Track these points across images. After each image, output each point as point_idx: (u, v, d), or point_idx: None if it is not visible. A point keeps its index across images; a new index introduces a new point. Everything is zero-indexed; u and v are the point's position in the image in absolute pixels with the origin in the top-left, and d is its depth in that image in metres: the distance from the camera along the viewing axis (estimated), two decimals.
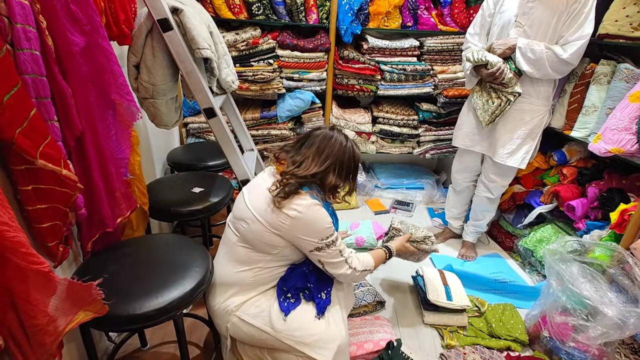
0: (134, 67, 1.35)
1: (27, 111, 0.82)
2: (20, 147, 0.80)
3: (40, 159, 0.84)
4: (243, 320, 1.18)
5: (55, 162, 0.88)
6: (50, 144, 0.87)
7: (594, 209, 1.73)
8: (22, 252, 0.71)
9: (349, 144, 1.23)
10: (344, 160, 1.21)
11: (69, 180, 0.91)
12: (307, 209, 1.12)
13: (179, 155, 2.04)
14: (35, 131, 0.83)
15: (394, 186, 2.84)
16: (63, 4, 0.92)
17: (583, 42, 1.57)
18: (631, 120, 1.49)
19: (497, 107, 1.73)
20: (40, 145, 0.84)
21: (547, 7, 1.59)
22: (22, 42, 0.81)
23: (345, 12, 2.22)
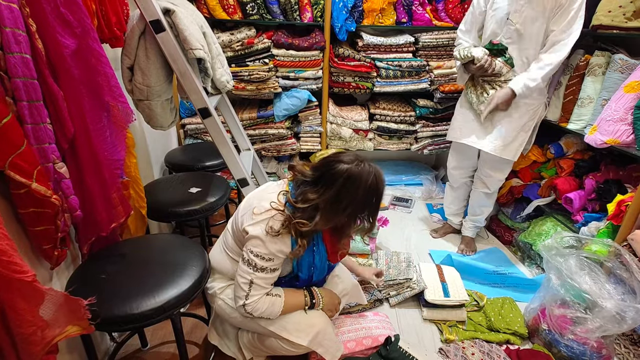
0: (128, 69, 1.36)
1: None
2: None
3: (9, 170, 0.81)
4: (226, 303, 1.23)
5: (25, 175, 0.84)
6: (23, 155, 0.84)
7: (592, 201, 1.73)
8: (4, 260, 0.70)
9: (373, 180, 1.06)
10: (367, 202, 1.08)
11: (38, 194, 0.88)
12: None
13: (176, 156, 2.04)
14: (5, 140, 0.80)
15: (392, 183, 2.85)
16: (53, 7, 0.93)
17: (571, 42, 1.57)
18: (626, 110, 1.49)
19: (492, 99, 1.73)
20: (10, 156, 0.81)
21: (538, 5, 1.58)
22: (12, 45, 0.82)
23: (339, 10, 2.22)
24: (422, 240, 2.29)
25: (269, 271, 1.12)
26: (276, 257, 1.11)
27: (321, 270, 1.27)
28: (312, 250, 1.20)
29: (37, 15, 0.90)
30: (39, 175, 0.87)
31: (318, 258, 1.22)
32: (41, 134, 0.92)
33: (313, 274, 1.25)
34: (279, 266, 1.15)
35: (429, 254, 2.14)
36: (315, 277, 1.27)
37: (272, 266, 1.12)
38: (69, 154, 1.04)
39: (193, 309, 1.65)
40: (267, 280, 1.13)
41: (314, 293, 1.25)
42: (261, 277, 1.11)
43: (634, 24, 1.51)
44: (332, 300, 1.29)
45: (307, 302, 1.22)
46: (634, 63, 1.54)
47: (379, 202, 1.10)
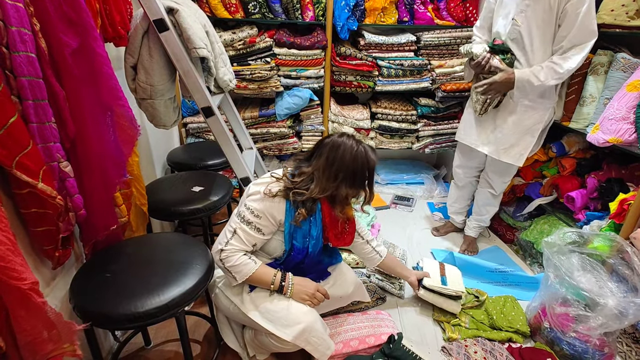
0: (131, 68, 1.36)
1: (5, 118, 0.79)
2: None
3: (16, 169, 0.82)
4: (223, 293, 1.30)
5: (32, 175, 0.85)
6: (29, 155, 0.84)
7: (594, 200, 1.73)
8: (1, 266, 0.70)
9: (361, 149, 1.17)
10: (357, 168, 1.16)
11: (44, 194, 0.88)
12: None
13: (178, 155, 2.05)
14: (12, 140, 0.80)
15: (394, 182, 2.85)
16: (56, 5, 0.93)
17: (585, 49, 1.52)
18: (629, 109, 1.49)
19: (488, 97, 1.73)
20: (17, 155, 0.82)
21: (542, 6, 1.55)
22: (18, 44, 0.82)
23: (341, 9, 2.22)
24: (424, 239, 2.29)
25: (254, 228, 1.18)
26: (264, 218, 1.17)
27: (317, 242, 1.26)
28: (309, 220, 1.22)
29: (40, 14, 0.90)
30: (45, 175, 0.87)
31: (314, 229, 1.24)
32: (46, 132, 0.92)
33: (308, 244, 1.25)
34: (265, 230, 1.19)
35: (430, 252, 2.15)
36: (310, 247, 1.26)
37: (258, 224, 1.17)
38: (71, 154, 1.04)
39: (197, 308, 1.65)
40: (248, 236, 1.18)
41: (285, 275, 1.24)
42: (244, 229, 1.17)
43: (636, 23, 1.51)
44: (304, 287, 1.24)
45: (275, 280, 1.21)
46: (636, 62, 1.54)
47: (368, 170, 1.18)
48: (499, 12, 1.73)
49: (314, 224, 1.24)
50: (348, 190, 1.18)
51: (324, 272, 1.43)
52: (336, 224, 1.29)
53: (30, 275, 0.77)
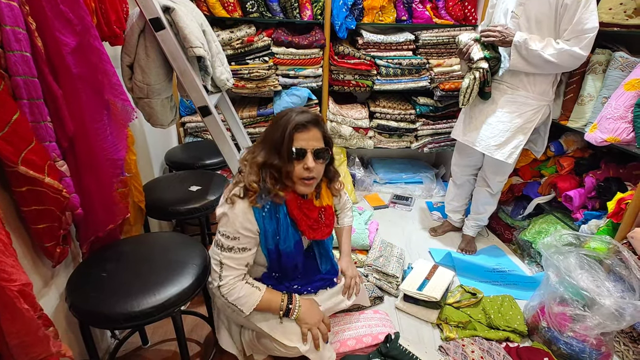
0: (128, 67, 1.36)
1: (9, 115, 0.80)
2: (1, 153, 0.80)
3: (22, 166, 0.83)
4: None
5: (38, 170, 0.86)
6: (34, 150, 0.86)
7: (592, 199, 1.73)
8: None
9: (289, 112, 1.09)
10: (277, 129, 1.07)
11: (51, 188, 0.90)
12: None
13: (176, 155, 2.04)
14: (18, 136, 0.82)
15: (392, 181, 2.85)
16: (53, 4, 0.93)
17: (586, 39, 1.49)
18: (626, 108, 1.48)
19: (467, 86, 1.72)
20: (23, 151, 0.83)
21: (539, 3, 1.55)
22: (12, 44, 0.82)
23: (339, 8, 2.22)
24: (423, 238, 2.29)
25: (237, 251, 1.11)
26: (242, 236, 1.10)
27: (286, 239, 1.16)
28: (276, 217, 1.14)
29: (36, 13, 0.90)
30: (50, 170, 0.88)
31: (282, 227, 1.15)
32: (42, 132, 0.92)
33: (278, 242, 1.15)
34: (250, 245, 1.13)
35: (429, 252, 2.15)
36: (282, 246, 1.16)
37: (239, 245, 1.11)
38: (69, 153, 1.04)
39: (193, 307, 1.65)
40: (237, 260, 1.12)
41: (292, 299, 1.19)
42: (229, 257, 1.11)
43: (634, 22, 1.50)
44: (311, 313, 1.18)
45: (282, 306, 1.16)
46: (634, 61, 1.53)
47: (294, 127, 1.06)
48: (500, 7, 1.74)
49: (280, 221, 1.15)
50: (277, 160, 1.08)
51: (329, 282, 1.34)
52: (309, 215, 1.19)
53: (21, 277, 0.77)
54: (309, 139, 1.08)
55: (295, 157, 1.08)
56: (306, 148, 1.08)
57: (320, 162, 1.12)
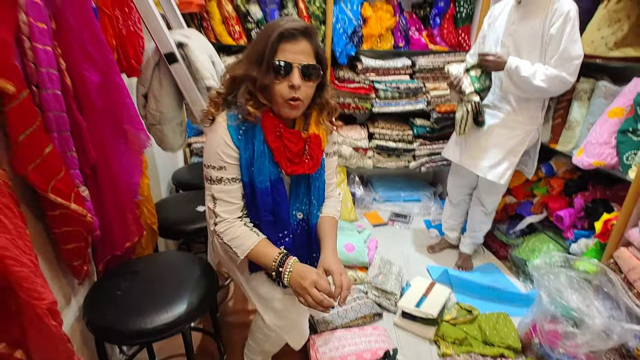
0: (143, 96, 1.46)
1: (42, 148, 0.88)
2: (32, 182, 0.87)
3: (51, 193, 0.91)
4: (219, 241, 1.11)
5: (65, 197, 0.94)
6: (63, 179, 0.94)
7: (581, 219, 1.81)
8: (24, 287, 0.76)
9: (277, 21, 0.93)
10: (259, 43, 0.92)
11: (76, 213, 0.98)
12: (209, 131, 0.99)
13: (183, 175, 2.13)
14: (49, 167, 0.90)
15: (391, 199, 2.92)
16: (81, 46, 1.02)
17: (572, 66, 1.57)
18: (610, 134, 1.58)
19: (461, 117, 1.80)
20: (52, 180, 0.91)
21: (528, 30, 1.66)
22: (46, 83, 0.91)
23: (339, 36, 2.34)
24: (421, 255, 2.35)
25: (227, 182, 1.01)
26: (227, 164, 1.00)
27: (260, 171, 1.02)
28: (252, 142, 1.00)
29: (67, 54, 0.99)
30: (76, 197, 0.96)
31: (257, 155, 1.00)
32: (68, 161, 1.00)
33: (252, 175, 1.02)
34: (238, 176, 1.02)
35: (426, 269, 2.21)
36: (255, 179, 1.02)
37: (228, 175, 1.01)
38: (90, 178, 1.12)
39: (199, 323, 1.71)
40: (230, 193, 1.02)
41: (286, 260, 1.01)
42: (220, 189, 1.02)
43: (615, 54, 1.61)
44: (301, 278, 0.97)
45: (274, 262, 1.00)
46: (616, 90, 1.63)
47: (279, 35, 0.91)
48: (490, 37, 1.84)
49: (257, 146, 1.00)
50: (256, 72, 0.93)
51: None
52: (288, 146, 1.02)
53: (49, 296, 0.84)
54: (297, 52, 0.92)
55: (279, 71, 0.92)
56: (292, 62, 0.92)
57: (309, 82, 0.96)
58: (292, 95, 0.94)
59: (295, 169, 1.04)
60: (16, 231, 0.79)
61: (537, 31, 1.63)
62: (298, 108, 0.98)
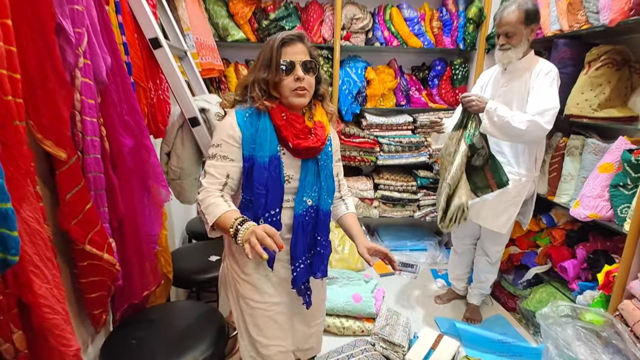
0: (166, 154, 1.60)
1: (84, 205, 1.00)
2: (73, 236, 0.98)
3: (88, 245, 1.01)
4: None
5: (99, 248, 1.04)
6: (98, 232, 1.04)
7: (585, 270, 1.83)
8: (55, 334, 0.84)
9: (273, 36, 1.14)
10: (264, 53, 1.14)
11: (108, 263, 1.07)
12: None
13: (196, 225, 2.23)
14: (88, 222, 1.01)
15: (397, 248, 2.96)
16: (119, 116, 1.18)
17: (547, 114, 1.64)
18: (602, 188, 1.66)
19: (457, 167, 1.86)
20: (90, 234, 1.01)
21: (514, 91, 1.82)
22: (90, 149, 1.05)
23: (345, 96, 2.54)
24: (428, 305, 2.35)
25: (219, 158, 1.13)
26: (224, 143, 1.13)
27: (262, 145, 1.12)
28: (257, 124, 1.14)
29: (107, 123, 1.14)
30: (108, 248, 1.06)
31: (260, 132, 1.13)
32: (101, 216, 1.12)
33: (254, 150, 1.12)
34: (230, 155, 1.13)
35: (434, 320, 2.20)
36: (256, 153, 1.12)
37: (221, 152, 1.13)
38: (116, 231, 1.23)
39: None
40: (217, 168, 1.13)
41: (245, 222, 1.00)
42: (211, 164, 1.14)
43: (600, 115, 1.74)
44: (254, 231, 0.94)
45: (233, 224, 1.00)
46: (604, 146, 1.74)
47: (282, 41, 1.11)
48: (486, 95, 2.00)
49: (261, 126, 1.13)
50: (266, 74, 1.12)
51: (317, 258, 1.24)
52: (294, 124, 1.15)
53: (75, 343, 0.91)
54: (296, 53, 1.12)
55: (285, 69, 1.11)
56: (294, 60, 1.12)
57: (310, 74, 1.14)
58: (297, 85, 1.12)
59: (299, 142, 1.15)
60: (54, 281, 0.88)
61: (523, 91, 1.79)
62: (305, 96, 1.15)
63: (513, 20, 1.70)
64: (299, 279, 1.22)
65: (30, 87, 0.85)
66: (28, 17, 0.83)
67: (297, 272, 1.21)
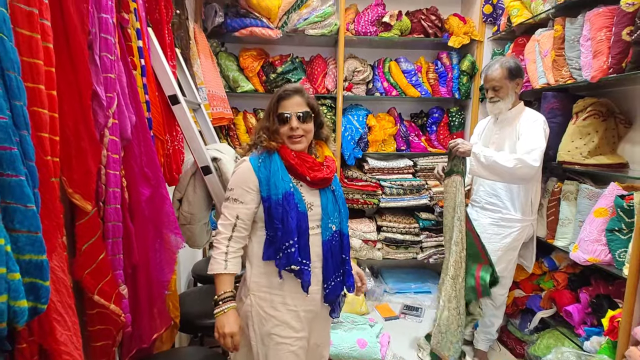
0: (178, 200, 1.68)
1: (98, 255, 1.04)
2: (85, 285, 1.02)
3: (97, 295, 1.04)
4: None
5: (107, 298, 1.07)
6: (109, 282, 1.08)
7: (589, 315, 1.83)
8: None
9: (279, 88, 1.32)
10: (268, 105, 1.31)
11: (114, 314, 1.10)
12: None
13: (202, 268, 2.25)
14: (99, 272, 1.05)
15: (402, 291, 2.95)
16: (140, 167, 1.27)
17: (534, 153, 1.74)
18: (599, 232, 1.71)
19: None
20: (100, 283, 1.05)
21: (505, 137, 1.95)
22: (111, 200, 1.12)
23: (347, 141, 2.67)
24: None
25: (232, 201, 1.28)
26: (237, 187, 1.27)
27: (276, 184, 1.24)
28: (270, 166, 1.27)
29: (128, 174, 1.23)
30: (116, 297, 1.10)
31: (273, 172, 1.26)
32: (115, 263, 1.17)
33: (270, 189, 1.24)
34: (241, 198, 1.27)
35: None
36: (272, 192, 1.24)
37: (234, 196, 1.27)
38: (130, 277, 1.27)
39: None
40: (230, 210, 1.27)
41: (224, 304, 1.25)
42: (225, 206, 1.29)
43: (591, 161, 1.83)
44: (226, 322, 1.23)
45: (216, 298, 1.26)
46: (598, 192, 1.81)
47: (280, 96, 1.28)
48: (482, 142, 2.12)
49: (273, 167, 1.26)
50: (268, 122, 1.29)
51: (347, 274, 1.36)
52: (305, 159, 1.29)
53: None
54: (292, 105, 1.26)
55: (281, 120, 1.27)
56: (290, 112, 1.26)
57: (305, 123, 1.27)
58: (291, 133, 1.27)
59: (316, 174, 1.28)
60: (73, 328, 0.93)
61: (513, 138, 1.92)
62: (301, 142, 1.29)
63: (498, 77, 1.86)
64: (331, 295, 1.33)
65: (65, 146, 0.94)
66: (69, 86, 0.94)
67: (329, 290, 1.32)
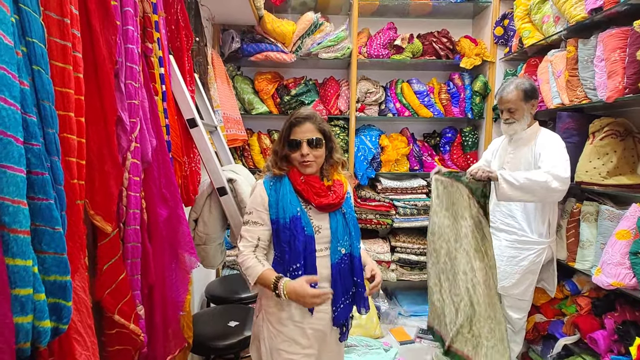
0: (193, 221, 1.71)
1: (118, 275, 1.06)
2: (105, 305, 1.04)
3: (117, 314, 1.06)
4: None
5: (127, 318, 1.09)
6: (128, 302, 1.09)
7: (616, 342, 1.75)
8: None
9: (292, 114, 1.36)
10: (282, 129, 1.36)
11: (133, 333, 1.11)
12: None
13: (216, 289, 2.26)
14: (119, 292, 1.06)
15: (417, 313, 2.88)
16: (158, 189, 1.30)
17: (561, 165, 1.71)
18: (622, 255, 1.65)
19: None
20: (120, 303, 1.06)
21: (521, 157, 1.93)
22: (131, 221, 1.15)
23: (360, 162, 2.68)
24: None
25: (251, 224, 1.33)
26: (255, 210, 1.33)
27: (285, 208, 1.29)
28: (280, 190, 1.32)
29: (147, 196, 1.26)
30: (135, 317, 1.11)
31: (281, 195, 1.31)
32: (133, 284, 1.19)
33: (278, 212, 1.29)
34: (260, 220, 1.32)
35: None
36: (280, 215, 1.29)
37: (253, 219, 1.33)
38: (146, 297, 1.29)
39: None
40: (250, 232, 1.32)
41: (278, 283, 1.22)
42: (246, 229, 1.33)
43: (610, 182, 1.79)
44: (293, 287, 1.20)
45: (273, 283, 1.23)
46: (619, 213, 1.76)
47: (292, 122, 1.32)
48: (494, 164, 2.10)
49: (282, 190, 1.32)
50: (279, 147, 1.35)
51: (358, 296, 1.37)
52: (312, 186, 1.32)
53: None
54: (304, 132, 1.30)
55: (292, 146, 1.31)
56: (301, 139, 1.30)
57: (316, 149, 1.31)
58: (302, 159, 1.31)
59: (321, 199, 1.32)
60: (92, 348, 0.94)
61: (529, 157, 1.90)
62: (311, 166, 1.33)
63: (513, 99, 1.85)
64: (340, 318, 1.34)
65: (88, 170, 0.98)
66: (96, 112, 0.99)
67: (338, 312, 1.33)
